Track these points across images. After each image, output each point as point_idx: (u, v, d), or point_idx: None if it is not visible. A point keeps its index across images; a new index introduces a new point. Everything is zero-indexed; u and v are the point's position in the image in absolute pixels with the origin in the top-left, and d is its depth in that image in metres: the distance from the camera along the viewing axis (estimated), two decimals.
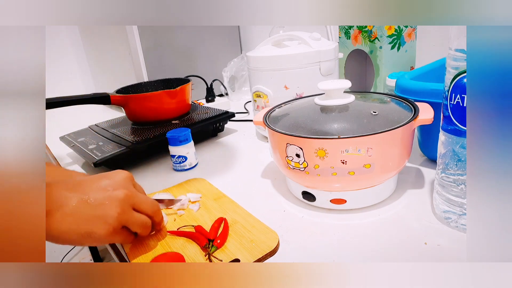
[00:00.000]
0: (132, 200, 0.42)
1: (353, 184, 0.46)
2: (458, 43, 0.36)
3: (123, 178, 0.44)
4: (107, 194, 0.40)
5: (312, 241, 0.43)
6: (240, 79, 1.22)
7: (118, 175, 0.44)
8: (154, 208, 0.45)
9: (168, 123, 0.81)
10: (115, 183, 0.42)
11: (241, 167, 0.67)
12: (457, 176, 0.40)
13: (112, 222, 0.40)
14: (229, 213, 0.50)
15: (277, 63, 0.69)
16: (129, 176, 0.45)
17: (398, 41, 0.78)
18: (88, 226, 0.39)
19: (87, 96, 0.76)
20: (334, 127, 0.46)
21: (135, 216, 0.42)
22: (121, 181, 0.43)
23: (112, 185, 0.42)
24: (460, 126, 0.38)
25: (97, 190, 0.41)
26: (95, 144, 0.74)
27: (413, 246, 0.40)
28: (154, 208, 0.45)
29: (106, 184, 0.42)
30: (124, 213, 0.41)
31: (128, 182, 0.44)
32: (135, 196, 0.43)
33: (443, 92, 0.41)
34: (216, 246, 0.43)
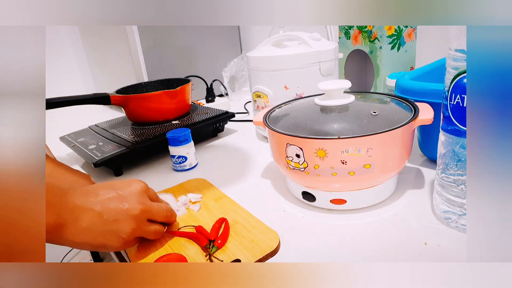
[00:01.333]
0: (147, 214, 0.42)
1: (353, 184, 0.46)
2: (458, 43, 0.36)
3: (138, 192, 0.42)
4: (122, 209, 0.40)
5: (312, 241, 0.43)
6: (240, 79, 1.21)
7: (132, 186, 0.43)
8: (168, 214, 0.46)
9: (168, 123, 0.81)
10: (130, 196, 0.41)
11: (241, 167, 0.67)
12: (457, 176, 0.40)
13: (126, 236, 0.40)
14: (229, 213, 0.50)
15: (277, 63, 0.69)
16: (144, 187, 0.44)
17: (398, 41, 0.78)
18: (103, 239, 0.39)
19: (87, 96, 0.76)
20: (334, 127, 0.46)
21: (149, 228, 0.43)
22: (136, 195, 0.42)
23: (127, 199, 0.41)
24: (460, 126, 0.38)
25: (112, 203, 0.40)
26: (95, 144, 0.74)
27: (413, 246, 0.40)
28: (168, 213, 0.46)
29: (121, 197, 0.41)
30: (138, 228, 0.41)
31: (143, 195, 0.43)
32: (150, 210, 0.43)
33: (443, 92, 0.41)
34: (217, 247, 0.42)
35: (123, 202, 0.40)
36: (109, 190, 0.41)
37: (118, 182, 0.43)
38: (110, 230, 0.39)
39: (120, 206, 0.40)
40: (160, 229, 0.45)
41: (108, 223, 0.39)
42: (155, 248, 0.44)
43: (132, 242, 0.42)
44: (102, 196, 0.40)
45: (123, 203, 0.40)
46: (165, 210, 0.45)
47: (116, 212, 0.39)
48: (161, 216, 0.45)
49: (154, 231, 0.44)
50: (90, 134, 0.82)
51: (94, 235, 0.38)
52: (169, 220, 0.47)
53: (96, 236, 0.38)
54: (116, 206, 0.40)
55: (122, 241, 0.40)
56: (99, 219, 0.38)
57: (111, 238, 0.39)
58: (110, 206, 0.39)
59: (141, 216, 0.41)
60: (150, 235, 0.44)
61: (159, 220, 0.45)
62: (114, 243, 0.40)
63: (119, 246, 0.41)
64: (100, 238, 0.39)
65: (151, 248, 0.44)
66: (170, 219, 0.47)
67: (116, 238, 0.40)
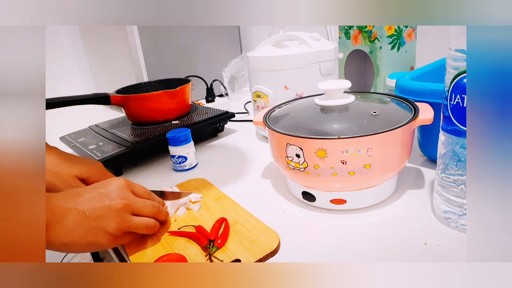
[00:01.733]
0: (130, 208, 0.43)
1: (353, 184, 0.46)
2: (458, 43, 0.36)
3: (119, 187, 0.43)
4: (104, 205, 0.41)
5: (312, 241, 0.43)
6: (240, 79, 1.21)
7: (112, 184, 0.43)
8: (155, 210, 0.46)
9: (168, 123, 0.81)
10: (111, 192, 0.42)
11: (241, 167, 0.67)
12: (457, 176, 0.40)
13: (113, 231, 0.41)
14: (229, 213, 0.50)
15: (277, 63, 0.69)
16: (124, 183, 0.44)
17: (398, 41, 0.78)
18: (90, 237, 0.39)
19: (87, 96, 0.76)
20: (334, 127, 0.46)
21: (136, 221, 0.43)
22: (117, 191, 0.43)
23: (109, 195, 0.42)
24: (460, 126, 0.38)
25: (94, 201, 0.41)
26: (95, 144, 0.74)
27: (413, 246, 0.40)
28: (155, 209, 0.46)
29: (102, 194, 0.42)
30: (124, 221, 0.42)
31: (124, 190, 0.43)
32: (133, 203, 0.43)
33: (443, 92, 0.41)
34: (217, 247, 0.42)
35: (104, 199, 0.41)
36: (91, 190, 0.42)
37: (100, 183, 0.44)
38: (96, 227, 0.39)
39: (102, 203, 0.41)
40: (150, 222, 0.44)
41: (92, 219, 0.39)
42: (155, 248, 0.44)
43: (122, 238, 0.42)
44: (84, 196, 0.41)
45: (104, 200, 0.41)
46: (150, 204, 0.45)
47: (99, 209, 0.40)
48: (147, 209, 0.45)
49: (144, 225, 0.44)
50: (90, 134, 0.82)
51: (81, 233, 0.39)
52: (158, 215, 0.46)
53: (83, 234, 0.39)
54: (98, 203, 0.41)
55: (111, 237, 0.41)
56: (83, 217, 0.39)
57: (99, 234, 0.40)
58: (93, 204, 0.40)
59: (124, 210, 0.42)
60: (140, 229, 0.43)
61: (146, 215, 0.44)
62: (102, 239, 0.40)
63: (109, 242, 0.41)
64: (88, 235, 0.39)
65: (151, 248, 0.44)
66: (158, 216, 0.46)
67: (103, 234, 0.40)
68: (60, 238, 0.38)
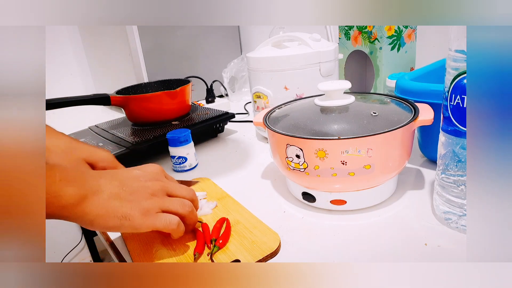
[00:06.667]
0: (165, 189, 0.43)
1: (353, 185, 0.46)
2: (458, 44, 0.36)
3: (155, 172, 0.45)
4: (140, 183, 0.41)
5: (312, 242, 0.43)
6: (240, 80, 1.22)
7: (149, 167, 0.45)
8: (191, 193, 0.46)
9: (168, 124, 0.81)
10: (147, 174, 0.43)
11: (241, 168, 0.67)
12: (457, 177, 0.40)
13: (147, 205, 0.40)
14: (232, 213, 0.50)
15: (277, 64, 0.69)
16: (160, 169, 0.46)
17: (398, 42, 0.78)
18: (125, 209, 0.39)
19: (87, 96, 0.76)
20: (334, 128, 0.46)
21: (171, 200, 0.43)
22: (153, 174, 0.44)
23: (144, 176, 0.43)
24: (460, 127, 0.38)
25: (129, 180, 0.41)
26: (95, 145, 0.74)
27: (413, 247, 0.40)
28: (191, 193, 0.46)
29: (139, 174, 0.43)
30: (159, 199, 0.42)
31: (160, 175, 0.45)
32: (168, 185, 0.44)
33: (443, 93, 0.41)
34: (218, 246, 0.42)
35: (140, 178, 0.42)
36: (126, 170, 0.44)
37: (135, 166, 0.45)
38: (131, 200, 0.40)
39: (138, 181, 0.42)
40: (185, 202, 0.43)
41: (128, 193, 0.40)
42: (156, 247, 0.44)
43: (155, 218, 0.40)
44: (120, 174, 0.42)
45: (140, 179, 0.42)
46: (186, 188, 0.45)
47: (135, 186, 0.41)
48: (183, 191, 0.45)
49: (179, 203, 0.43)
50: (90, 134, 0.82)
51: (116, 205, 0.38)
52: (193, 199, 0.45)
53: (118, 206, 0.38)
54: (134, 182, 0.41)
55: (144, 212, 0.39)
56: (119, 191, 0.39)
57: (133, 207, 0.39)
58: (129, 182, 0.41)
59: (159, 190, 0.42)
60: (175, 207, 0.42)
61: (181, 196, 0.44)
62: (136, 213, 0.39)
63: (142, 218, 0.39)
64: (123, 207, 0.39)
65: (151, 247, 0.44)
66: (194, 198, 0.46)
67: (137, 209, 0.39)
68: (96, 209, 0.37)
